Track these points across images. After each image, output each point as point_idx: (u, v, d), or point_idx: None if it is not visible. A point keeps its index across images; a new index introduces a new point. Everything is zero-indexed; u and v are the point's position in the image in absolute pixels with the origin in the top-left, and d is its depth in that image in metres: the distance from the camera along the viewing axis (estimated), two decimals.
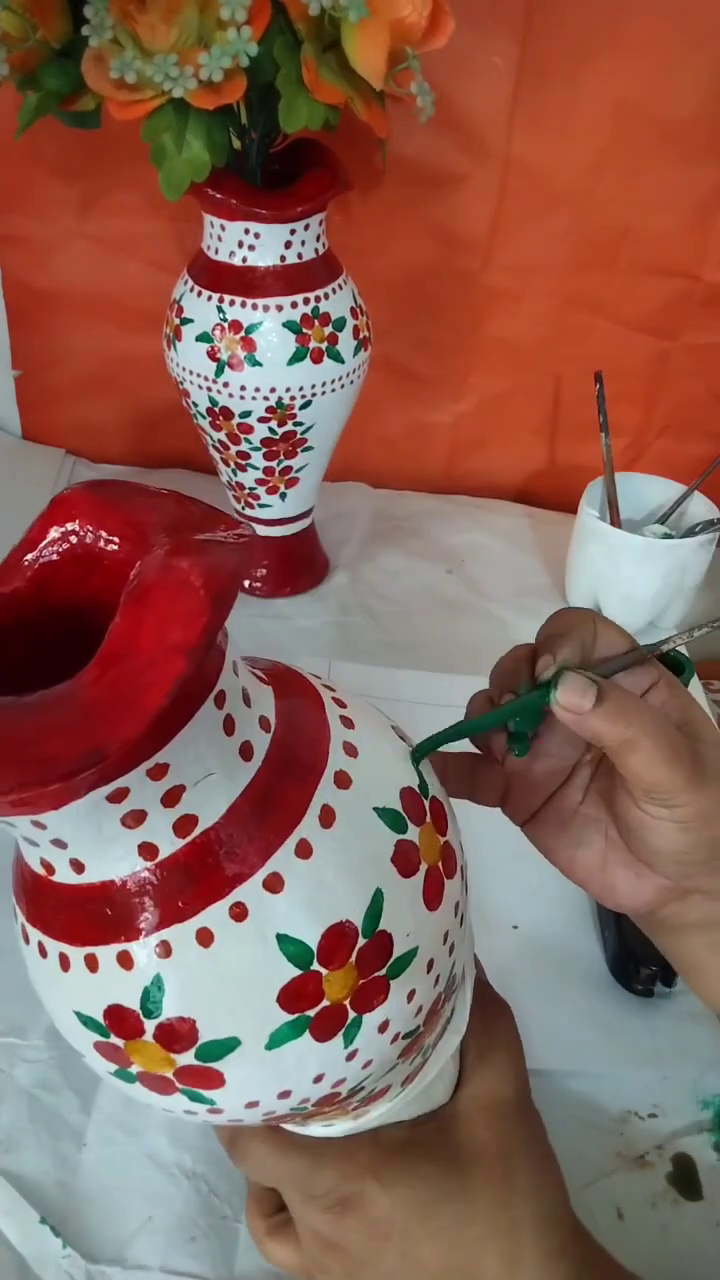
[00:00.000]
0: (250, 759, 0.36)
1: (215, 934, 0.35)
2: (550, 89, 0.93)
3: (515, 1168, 0.48)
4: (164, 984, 0.35)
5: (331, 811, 0.37)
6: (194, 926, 0.35)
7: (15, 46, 0.72)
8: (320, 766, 0.38)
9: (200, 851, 0.34)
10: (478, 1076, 0.50)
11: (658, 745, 0.44)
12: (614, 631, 0.49)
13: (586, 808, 0.51)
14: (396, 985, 0.39)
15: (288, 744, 0.38)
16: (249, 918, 0.35)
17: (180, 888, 0.34)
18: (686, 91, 0.92)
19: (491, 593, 1.08)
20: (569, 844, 0.51)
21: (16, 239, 1.08)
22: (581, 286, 1.05)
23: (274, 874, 0.36)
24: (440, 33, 0.73)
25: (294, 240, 0.83)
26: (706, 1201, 0.61)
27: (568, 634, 0.48)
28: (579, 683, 0.44)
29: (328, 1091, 0.40)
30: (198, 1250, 0.58)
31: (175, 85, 0.70)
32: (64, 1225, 0.58)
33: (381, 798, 0.40)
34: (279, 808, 0.36)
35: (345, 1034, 0.38)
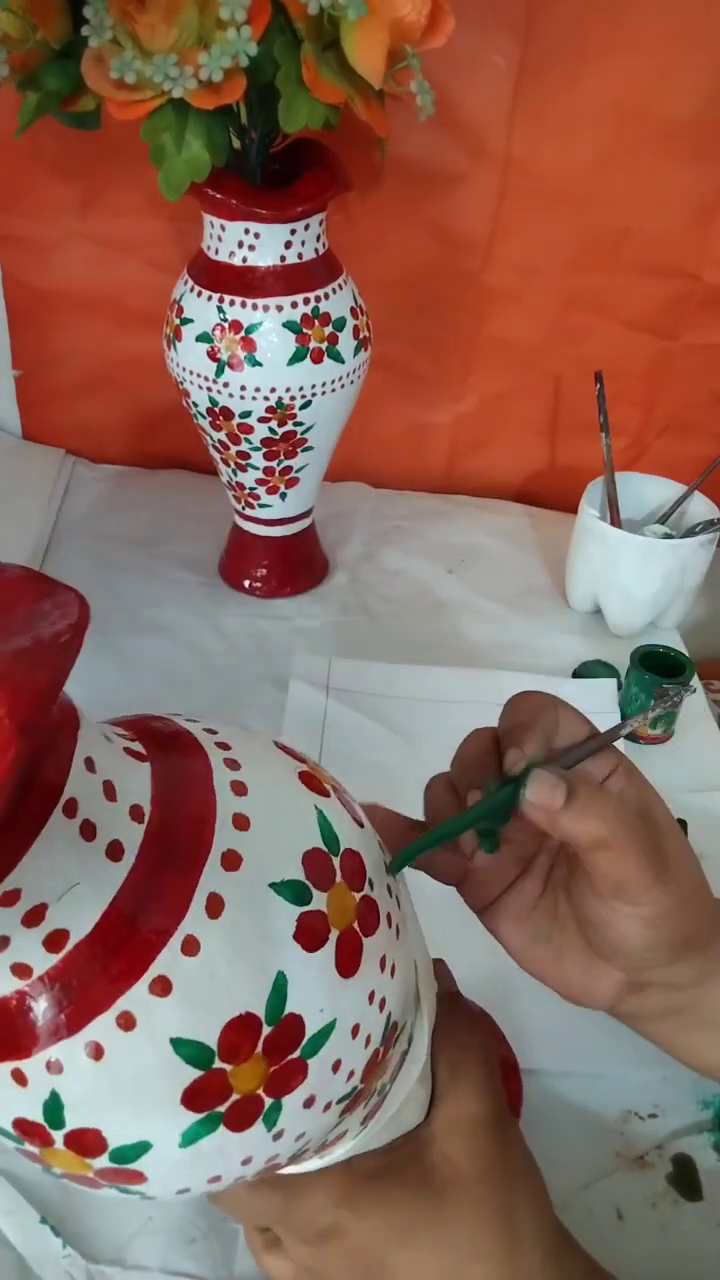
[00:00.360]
0: (121, 858, 0.34)
1: (105, 1046, 0.33)
2: (550, 89, 0.93)
3: (492, 1189, 0.47)
4: (61, 1099, 0.34)
5: (220, 900, 0.35)
6: (82, 1041, 0.33)
7: (15, 47, 0.72)
8: (204, 852, 0.35)
9: (77, 965, 0.33)
10: (450, 1095, 0.49)
11: (628, 843, 0.44)
12: (574, 717, 0.50)
13: (545, 900, 0.51)
14: (316, 1062, 0.37)
15: (166, 832, 0.35)
16: (138, 1025, 0.33)
17: (62, 1003, 0.33)
18: (686, 91, 0.92)
19: (491, 593, 1.08)
20: (526, 937, 0.51)
21: (16, 239, 1.08)
22: (581, 286, 1.05)
23: (159, 977, 0.33)
24: (440, 32, 0.73)
25: (294, 240, 0.83)
26: (706, 1202, 0.61)
27: (531, 724, 0.48)
28: (549, 780, 0.44)
29: (263, 1167, 0.38)
30: (197, 1251, 0.58)
31: (175, 85, 0.70)
32: (64, 1225, 0.58)
33: (279, 871, 0.37)
34: (159, 907, 0.34)
35: (265, 1119, 0.36)
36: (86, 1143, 0.34)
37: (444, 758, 0.86)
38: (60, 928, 0.32)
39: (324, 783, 0.42)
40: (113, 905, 0.33)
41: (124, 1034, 0.33)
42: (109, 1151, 0.34)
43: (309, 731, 0.90)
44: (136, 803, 0.35)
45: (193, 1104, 0.34)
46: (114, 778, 0.35)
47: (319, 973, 0.37)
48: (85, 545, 1.10)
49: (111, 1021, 0.33)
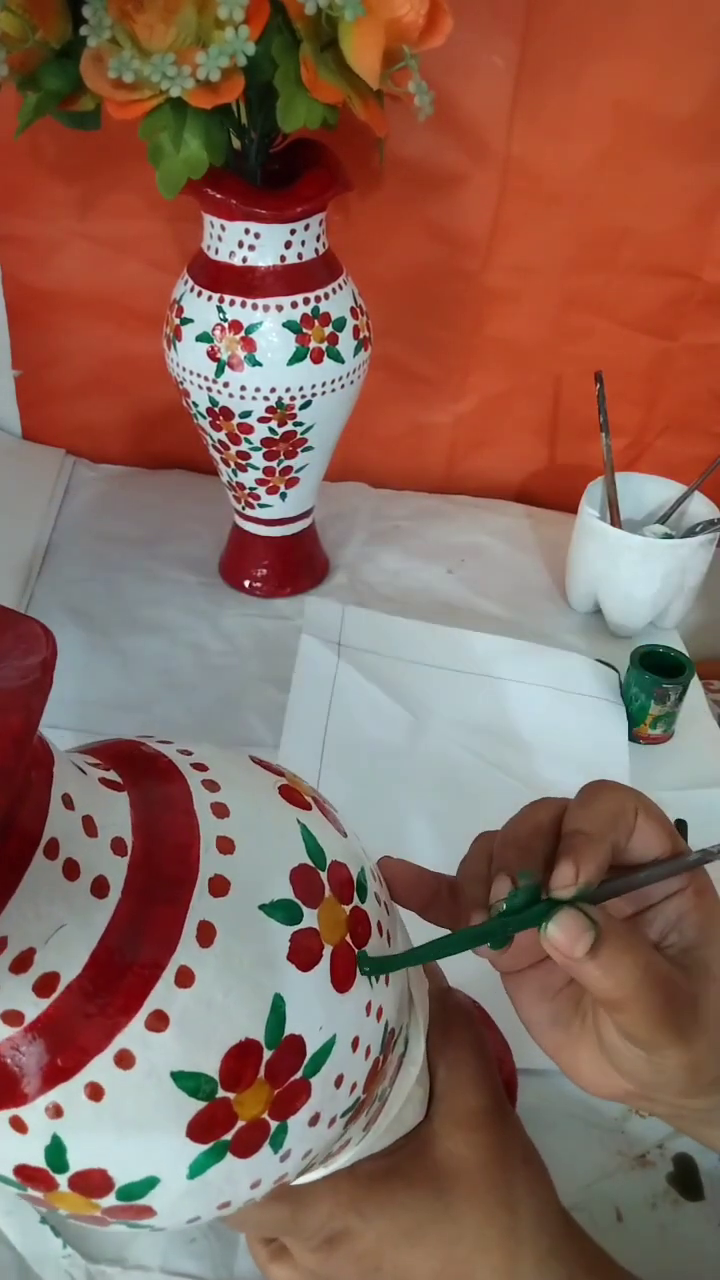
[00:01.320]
0: (106, 894, 0.33)
1: (105, 1086, 0.33)
2: (550, 89, 0.93)
3: (496, 1179, 0.48)
4: (63, 1143, 0.33)
5: (210, 928, 0.34)
6: (81, 1083, 0.33)
7: (14, 47, 0.72)
8: (191, 879, 0.35)
9: (69, 1008, 0.32)
10: (449, 1091, 0.49)
11: (647, 1010, 0.41)
12: (655, 827, 0.45)
13: (572, 988, 0.47)
14: (319, 1080, 0.37)
15: (150, 863, 0.34)
16: (137, 1063, 0.33)
17: (57, 1047, 0.32)
18: (686, 91, 0.92)
19: (491, 593, 1.08)
20: (545, 1016, 0.48)
21: (16, 239, 1.08)
22: (581, 286, 1.05)
23: (155, 1012, 0.33)
24: (438, 32, 0.73)
25: (294, 240, 0.83)
26: (707, 1202, 0.61)
27: (599, 836, 0.43)
28: (575, 926, 0.40)
29: (271, 1187, 0.38)
30: (198, 1251, 0.58)
31: (173, 85, 0.70)
32: (64, 1225, 0.58)
33: (268, 892, 0.36)
34: (149, 940, 0.33)
35: (271, 1142, 0.36)
36: (92, 1183, 0.34)
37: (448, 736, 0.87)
38: (50, 971, 0.32)
39: (304, 795, 0.42)
40: (101, 943, 0.33)
41: (123, 1072, 0.33)
42: (116, 1190, 0.34)
43: (317, 698, 0.90)
44: (118, 835, 0.34)
45: (199, 1135, 0.34)
46: (93, 812, 0.34)
47: (316, 991, 0.37)
48: (85, 545, 1.10)
49: (110, 1061, 0.33)
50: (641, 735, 0.91)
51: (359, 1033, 0.38)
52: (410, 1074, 0.47)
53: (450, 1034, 0.50)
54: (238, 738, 0.89)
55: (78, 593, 1.03)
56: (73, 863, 0.33)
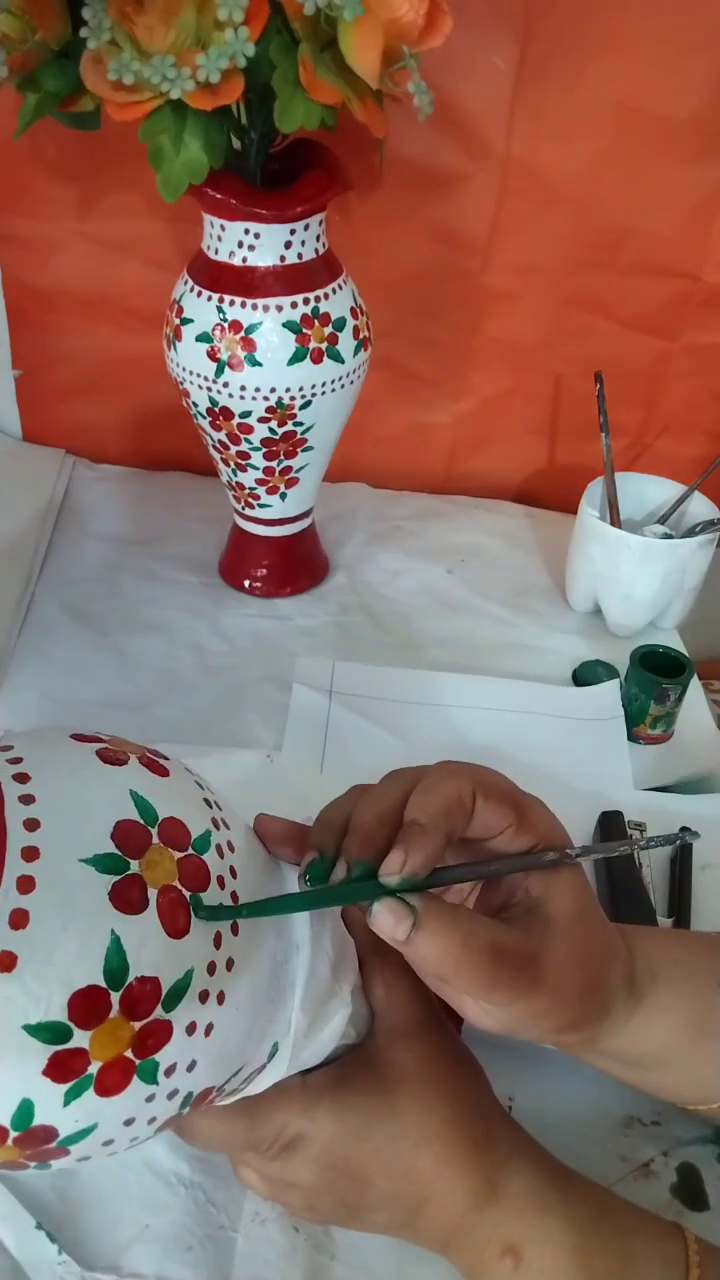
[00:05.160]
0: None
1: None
2: (550, 89, 0.93)
3: (434, 1077, 0.53)
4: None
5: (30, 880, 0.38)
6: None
7: (14, 48, 0.72)
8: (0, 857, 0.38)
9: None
10: (387, 1008, 0.55)
11: (473, 978, 0.46)
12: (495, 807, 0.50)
13: None
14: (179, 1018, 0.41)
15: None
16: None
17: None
18: (686, 91, 0.92)
19: (491, 593, 1.08)
20: None
21: (16, 239, 1.08)
22: (581, 286, 1.05)
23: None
24: (438, 32, 0.73)
25: (294, 240, 0.83)
26: (713, 1212, 0.61)
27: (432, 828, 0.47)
28: (393, 915, 0.45)
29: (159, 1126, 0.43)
30: (194, 1259, 0.57)
31: (173, 86, 0.70)
32: (60, 1231, 0.58)
33: (87, 848, 0.39)
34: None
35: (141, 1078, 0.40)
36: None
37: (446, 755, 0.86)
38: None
39: (129, 753, 0.45)
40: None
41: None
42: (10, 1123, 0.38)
43: (312, 735, 0.90)
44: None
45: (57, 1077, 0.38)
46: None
47: (153, 933, 0.40)
48: (85, 545, 1.10)
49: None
50: (641, 735, 0.90)
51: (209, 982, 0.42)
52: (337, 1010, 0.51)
53: (385, 957, 0.56)
54: (237, 737, 0.89)
55: (78, 593, 1.02)
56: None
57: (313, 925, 0.50)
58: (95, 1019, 0.38)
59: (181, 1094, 0.42)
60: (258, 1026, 0.47)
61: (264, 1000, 0.47)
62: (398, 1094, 0.52)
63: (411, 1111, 0.52)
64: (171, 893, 0.41)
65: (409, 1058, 0.54)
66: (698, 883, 0.77)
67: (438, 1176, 0.51)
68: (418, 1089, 0.53)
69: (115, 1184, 0.60)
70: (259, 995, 0.46)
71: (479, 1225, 0.51)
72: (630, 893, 0.74)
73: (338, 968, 0.52)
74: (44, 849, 0.38)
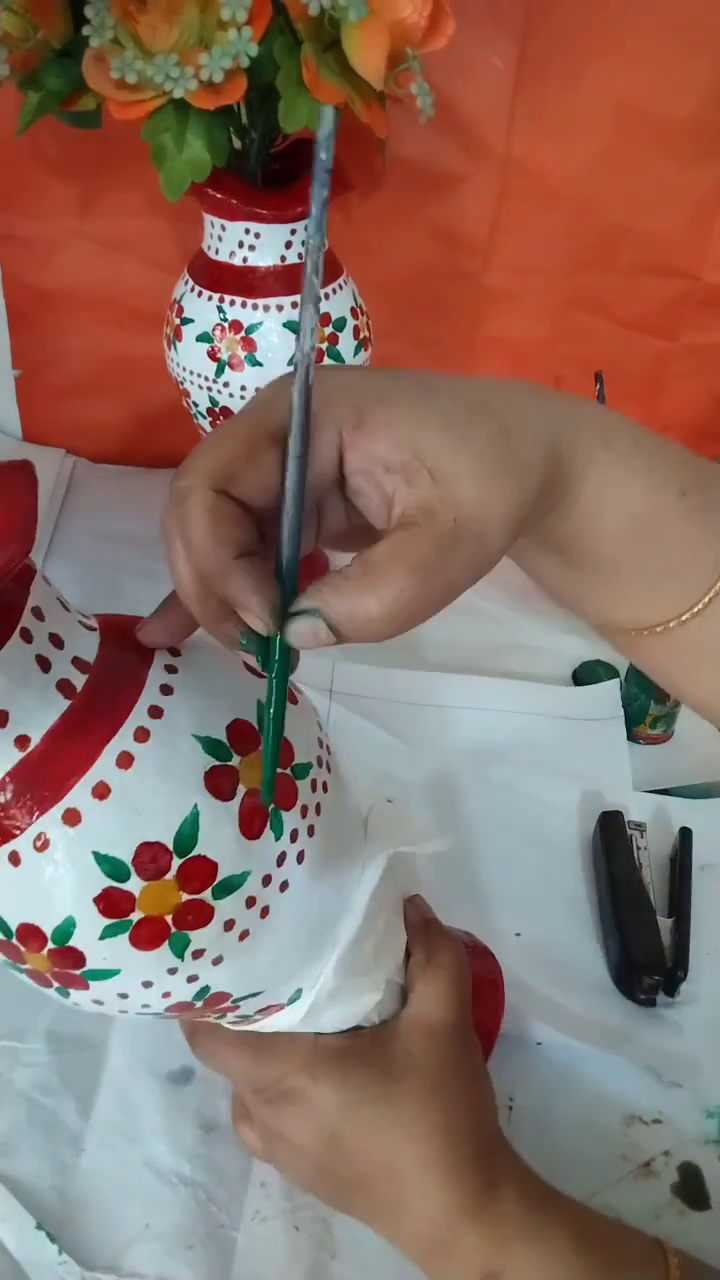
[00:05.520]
0: (70, 694, 0.40)
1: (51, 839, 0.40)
2: (550, 89, 0.93)
3: (442, 1083, 0.53)
4: None
5: (145, 731, 0.41)
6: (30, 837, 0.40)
7: (16, 47, 0.72)
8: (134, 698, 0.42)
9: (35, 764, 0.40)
10: (419, 1000, 0.55)
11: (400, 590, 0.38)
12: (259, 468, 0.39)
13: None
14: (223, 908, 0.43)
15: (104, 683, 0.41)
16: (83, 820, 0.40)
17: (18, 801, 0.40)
18: (686, 92, 0.92)
19: (491, 593, 1.07)
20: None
21: (16, 239, 1.07)
22: (581, 286, 1.05)
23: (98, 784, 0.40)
24: (440, 33, 0.73)
25: (294, 240, 0.83)
26: (714, 1211, 0.61)
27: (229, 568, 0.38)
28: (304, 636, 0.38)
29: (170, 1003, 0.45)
30: (194, 1259, 0.58)
31: (176, 86, 0.70)
32: (60, 1231, 0.58)
33: (203, 728, 0.43)
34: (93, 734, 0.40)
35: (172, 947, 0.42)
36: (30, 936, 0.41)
37: (445, 761, 0.87)
38: (22, 733, 0.39)
39: None
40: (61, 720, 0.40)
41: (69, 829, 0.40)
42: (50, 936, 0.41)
43: None
44: (80, 656, 0.42)
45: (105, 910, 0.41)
46: (61, 631, 0.41)
47: (227, 822, 0.42)
48: (85, 545, 1.10)
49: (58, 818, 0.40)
50: (641, 735, 0.90)
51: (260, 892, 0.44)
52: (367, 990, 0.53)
53: (435, 958, 0.56)
54: None
55: (78, 593, 1.01)
56: (44, 659, 0.40)
57: (371, 900, 0.51)
58: (153, 873, 0.41)
59: (200, 983, 0.44)
60: (288, 963, 0.49)
61: (302, 942, 0.49)
62: (400, 1084, 0.53)
63: (408, 1106, 0.52)
64: (257, 797, 0.43)
65: (423, 1054, 0.54)
66: (698, 883, 0.77)
67: (418, 1179, 0.51)
68: (421, 1087, 0.53)
69: (115, 1183, 0.60)
70: (298, 933, 0.48)
71: (458, 1245, 0.51)
72: (630, 893, 0.74)
73: (381, 950, 0.53)
74: (167, 713, 0.42)
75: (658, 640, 0.48)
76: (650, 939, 0.72)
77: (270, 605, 0.38)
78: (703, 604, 0.46)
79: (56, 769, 0.40)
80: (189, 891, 0.42)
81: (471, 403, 0.40)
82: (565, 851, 0.81)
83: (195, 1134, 0.63)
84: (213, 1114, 0.64)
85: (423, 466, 0.38)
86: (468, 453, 0.38)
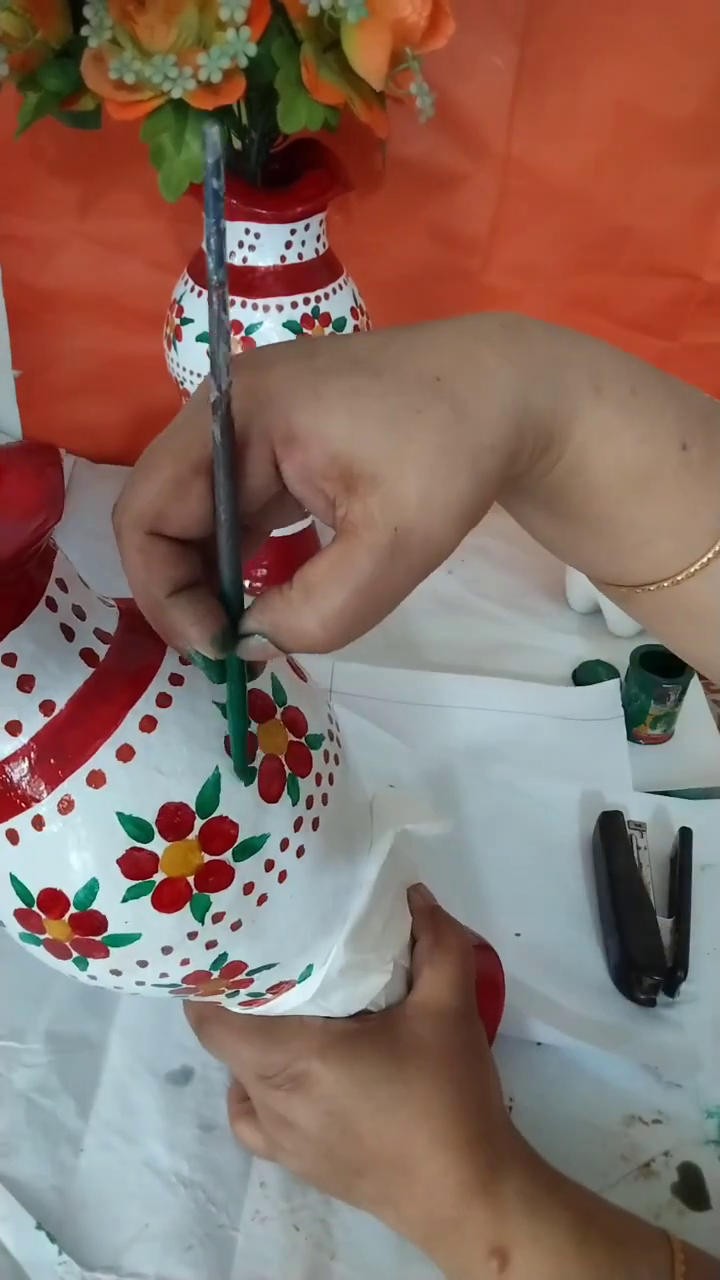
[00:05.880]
0: (93, 662, 0.41)
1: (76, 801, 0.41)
2: (550, 89, 0.93)
3: (450, 1061, 0.54)
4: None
5: (167, 697, 0.42)
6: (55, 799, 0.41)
7: (15, 47, 0.72)
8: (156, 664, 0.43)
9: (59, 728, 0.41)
10: (425, 985, 0.56)
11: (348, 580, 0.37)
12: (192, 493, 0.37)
13: None
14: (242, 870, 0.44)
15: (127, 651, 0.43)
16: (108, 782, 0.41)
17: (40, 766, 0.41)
18: (686, 91, 0.92)
19: (491, 593, 1.08)
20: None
21: (16, 239, 1.07)
22: (581, 286, 1.05)
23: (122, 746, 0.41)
24: (440, 33, 0.73)
25: (294, 240, 0.83)
26: (714, 1212, 0.61)
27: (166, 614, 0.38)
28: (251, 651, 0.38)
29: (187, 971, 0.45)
30: (194, 1259, 0.57)
31: (174, 86, 0.70)
32: (60, 1231, 0.58)
33: (221, 695, 0.43)
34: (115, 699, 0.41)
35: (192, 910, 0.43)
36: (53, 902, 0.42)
37: (445, 761, 0.87)
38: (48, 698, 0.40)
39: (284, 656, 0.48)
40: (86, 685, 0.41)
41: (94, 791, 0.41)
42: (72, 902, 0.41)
43: None
44: (101, 627, 0.43)
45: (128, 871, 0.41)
46: (83, 604, 0.42)
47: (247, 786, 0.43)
48: (85, 545, 1.08)
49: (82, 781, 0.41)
50: (641, 735, 0.90)
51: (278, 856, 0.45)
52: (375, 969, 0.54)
53: (441, 942, 0.57)
54: None
55: None
56: (68, 628, 0.41)
57: (380, 875, 0.52)
58: (176, 834, 0.41)
59: (218, 950, 0.45)
60: (301, 934, 0.49)
61: (315, 913, 0.49)
62: (410, 1063, 0.53)
63: (419, 1083, 0.52)
64: (275, 762, 0.45)
65: (431, 1035, 0.54)
66: (698, 883, 0.77)
67: (429, 1157, 0.52)
68: (431, 1065, 0.53)
69: (115, 1184, 0.60)
70: (312, 903, 0.49)
71: (466, 1222, 0.51)
72: (630, 893, 0.74)
73: (388, 929, 0.54)
74: (188, 680, 0.43)
75: (652, 598, 0.45)
76: (650, 939, 0.72)
77: (210, 634, 0.38)
78: (701, 564, 0.43)
79: (81, 733, 0.41)
80: (210, 852, 0.42)
81: (420, 381, 0.37)
82: (565, 851, 0.81)
83: (194, 1134, 0.63)
84: (212, 1114, 0.64)
85: (361, 473, 0.36)
86: (410, 450, 0.36)
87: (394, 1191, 0.53)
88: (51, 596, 0.40)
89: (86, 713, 0.41)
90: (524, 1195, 0.52)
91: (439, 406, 0.37)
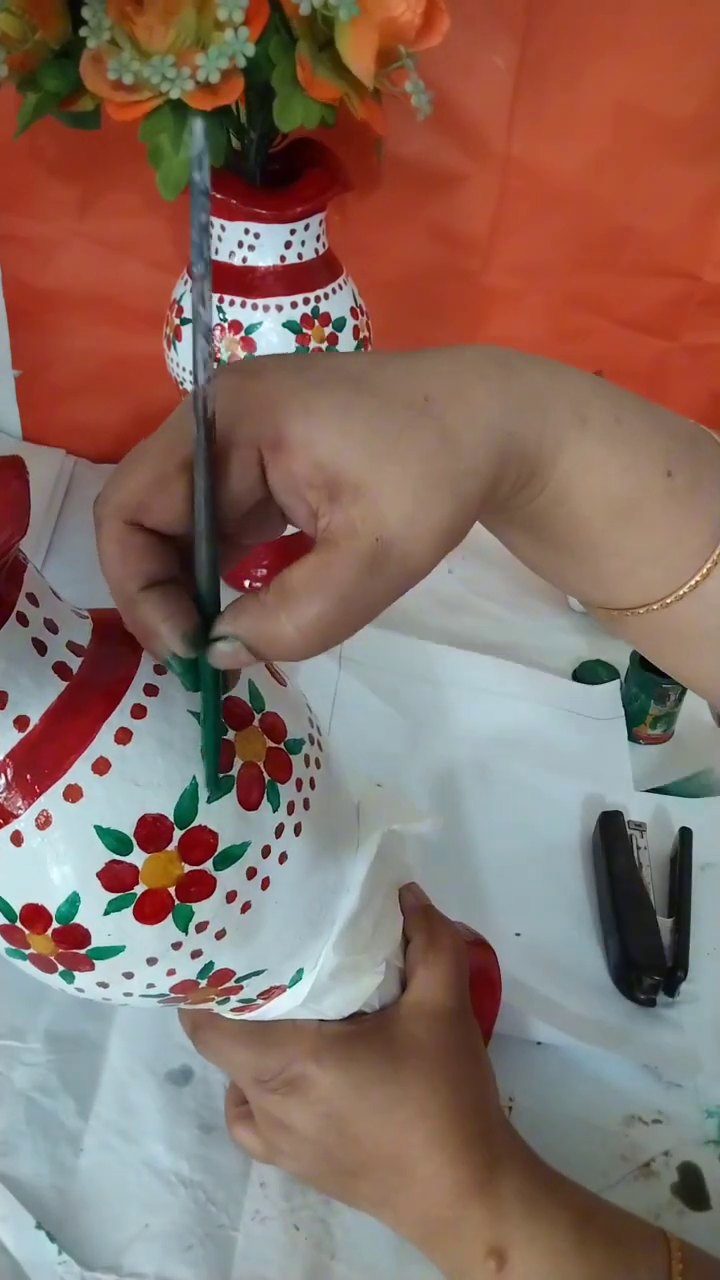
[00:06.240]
0: (66, 677, 0.41)
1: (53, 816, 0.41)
2: (550, 89, 0.93)
3: (446, 1062, 0.54)
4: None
5: (142, 709, 0.42)
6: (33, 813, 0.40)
7: (14, 47, 0.72)
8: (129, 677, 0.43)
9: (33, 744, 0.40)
10: (420, 985, 0.56)
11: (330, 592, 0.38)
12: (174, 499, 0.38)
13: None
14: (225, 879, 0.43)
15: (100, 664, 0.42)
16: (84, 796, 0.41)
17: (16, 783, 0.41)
18: (686, 91, 0.92)
19: (491, 593, 1.08)
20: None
21: (16, 239, 1.07)
22: (581, 286, 1.05)
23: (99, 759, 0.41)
24: (435, 31, 0.73)
25: (294, 240, 0.83)
26: (714, 1212, 0.61)
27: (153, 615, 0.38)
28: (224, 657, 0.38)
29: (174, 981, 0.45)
30: (194, 1259, 0.58)
31: (173, 86, 0.70)
32: (60, 1231, 0.58)
33: (197, 704, 0.42)
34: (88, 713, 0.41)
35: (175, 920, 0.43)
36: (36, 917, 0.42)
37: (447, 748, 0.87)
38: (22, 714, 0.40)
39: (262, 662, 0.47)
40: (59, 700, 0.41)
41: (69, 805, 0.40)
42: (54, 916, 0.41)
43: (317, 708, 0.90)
44: (74, 640, 0.43)
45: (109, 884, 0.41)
46: (55, 618, 0.42)
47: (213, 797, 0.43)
48: (86, 545, 1.08)
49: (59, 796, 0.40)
50: (641, 735, 0.90)
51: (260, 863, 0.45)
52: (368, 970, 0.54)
53: (434, 942, 0.57)
54: None
55: (78, 593, 1.01)
56: (40, 643, 0.41)
57: (368, 876, 0.52)
58: (155, 845, 0.41)
59: (204, 959, 0.45)
60: (289, 939, 0.49)
61: (302, 917, 0.49)
62: (406, 1064, 0.53)
63: (415, 1084, 0.52)
64: (254, 769, 0.44)
65: (426, 1036, 0.54)
66: (698, 883, 0.77)
67: (426, 1157, 0.52)
68: (426, 1065, 0.53)
69: (115, 1184, 0.61)
70: (299, 906, 0.48)
71: (463, 1221, 0.51)
72: (630, 893, 0.74)
73: (378, 930, 0.54)
74: (163, 690, 0.43)
75: (640, 621, 0.46)
76: (650, 939, 0.72)
77: (181, 632, 0.37)
78: (687, 588, 0.44)
79: (56, 747, 0.41)
80: (191, 863, 0.42)
81: (410, 402, 0.37)
82: (565, 851, 0.81)
83: (194, 1134, 0.63)
84: (211, 1114, 0.64)
85: (346, 483, 0.37)
86: (395, 466, 0.36)
87: (391, 1192, 0.53)
88: (22, 611, 0.41)
89: (61, 727, 0.41)
90: (522, 1195, 0.52)
91: (427, 427, 0.37)
